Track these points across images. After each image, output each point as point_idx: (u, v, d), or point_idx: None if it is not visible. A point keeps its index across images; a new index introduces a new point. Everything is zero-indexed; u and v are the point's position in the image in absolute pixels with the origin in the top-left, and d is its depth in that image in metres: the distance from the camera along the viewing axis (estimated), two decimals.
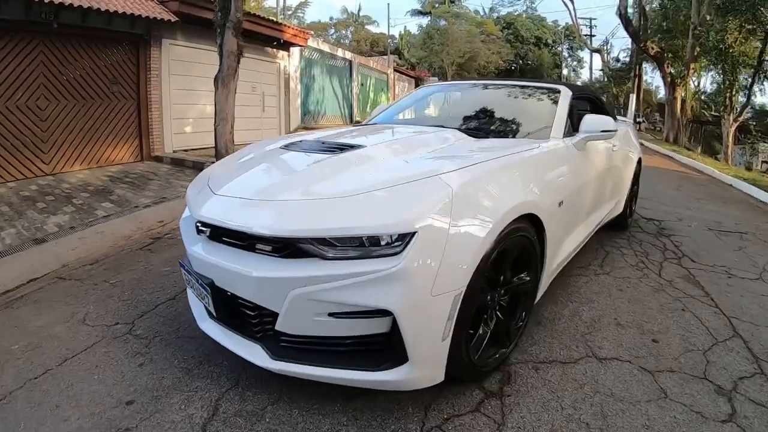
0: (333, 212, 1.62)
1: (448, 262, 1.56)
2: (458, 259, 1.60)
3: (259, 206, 1.77)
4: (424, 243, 1.52)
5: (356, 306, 1.52)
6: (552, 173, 2.34)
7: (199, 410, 1.74)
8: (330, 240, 1.56)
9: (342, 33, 43.31)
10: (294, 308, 1.57)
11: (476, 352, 1.86)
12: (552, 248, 2.29)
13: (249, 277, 1.62)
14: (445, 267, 1.56)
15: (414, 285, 1.50)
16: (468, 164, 1.88)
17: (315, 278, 1.52)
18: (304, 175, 2.01)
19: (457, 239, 1.60)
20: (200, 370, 2.02)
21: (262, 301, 1.65)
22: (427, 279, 1.52)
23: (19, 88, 6.27)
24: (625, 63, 27.83)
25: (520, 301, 2.15)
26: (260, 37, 10.12)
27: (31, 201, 5.33)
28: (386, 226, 1.53)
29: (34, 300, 2.91)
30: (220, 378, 1.95)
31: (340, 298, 1.52)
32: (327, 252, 1.55)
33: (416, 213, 1.55)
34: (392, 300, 1.49)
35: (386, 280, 1.48)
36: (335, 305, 1.54)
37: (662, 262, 3.62)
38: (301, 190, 1.81)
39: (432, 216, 1.56)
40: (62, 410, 1.77)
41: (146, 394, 1.85)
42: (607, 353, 2.24)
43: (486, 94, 3.46)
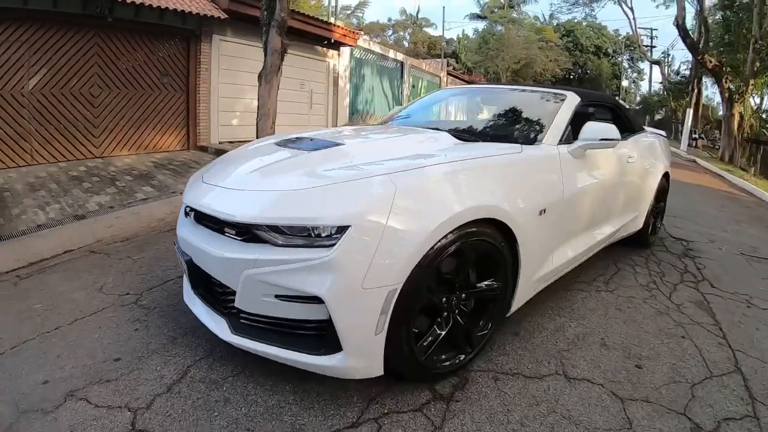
0: (283, 203, 1.73)
1: (381, 257, 1.58)
2: (393, 256, 1.61)
3: (229, 194, 1.91)
4: (356, 237, 1.57)
5: (294, 290, 1.61)
6: (532, 179, 2.22)
7: (171, 373, 1.96)
8: (278, 228, 1.67)
9: (400, 34, 43.37)
10: (246, 287, 1.69)
11: (424, 352, 1.82)
12: (531, 258, 2.17)
13: (213, 256, 1.81)
14: (378, 262, 1.58)
15: (344, 276, 1.56)
16: (422, 165, 1.85)
17: (262, 261, 1.65)
18: (274, 168, 2.08)
19: (393, 237, 1.61)
20: (184, 339, 2.24)
21: (224, 279, 1.82)
22: (358, 271, 1.56)
23: (74, 76, 6.73)
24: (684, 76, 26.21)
25: (487, 309, 2.05)
26: (310, 36, 10.28)
27: (78, 181, 5.71)
28: (323, 218, 1.61)
29: (64, 269, 3.26)
30: (197, 348, 2.15)
31: (281, 281, 1.61)
32: (277, 239, 1.67)
33: (353, 208, 1.62)
34: (323, 288, 1.56)
35: (319, 268, 1.56)
36: (278, 288, 1.63)
37: (677, 284, 3.35)
38: (266, 182, 1.94)
39: (369, 212, 1.61)
40: (61, 360, 2.06)
41: (132, 354, 2.10)
42: (579, 373, 2.09)
43: (493, 99, 3.34)
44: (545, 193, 2.25)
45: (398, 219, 1.63)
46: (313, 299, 1.59)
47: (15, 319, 2.45)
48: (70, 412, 1.70)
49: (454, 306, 1.91)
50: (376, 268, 1.58)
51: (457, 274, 1.88)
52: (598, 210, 2.90)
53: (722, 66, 16.69)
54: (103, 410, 1.71)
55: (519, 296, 2.21)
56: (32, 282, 3.03)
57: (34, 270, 3.27)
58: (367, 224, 1.59)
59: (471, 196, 1.87)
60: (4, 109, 6.13)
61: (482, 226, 1.88)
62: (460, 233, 1.78)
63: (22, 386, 1.87)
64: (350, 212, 1.60)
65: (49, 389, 1.84)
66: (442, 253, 1.73)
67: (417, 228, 1.65)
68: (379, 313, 1.60)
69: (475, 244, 1.86)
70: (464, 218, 1.78)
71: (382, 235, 1.59)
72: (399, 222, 1.63)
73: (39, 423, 1.65)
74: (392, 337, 1.67)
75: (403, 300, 1.65)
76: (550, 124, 2.60)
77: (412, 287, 1.66)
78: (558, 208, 2.31)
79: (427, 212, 1.70)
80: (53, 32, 6.42)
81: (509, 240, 2.02)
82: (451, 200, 1.78)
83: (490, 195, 1.94)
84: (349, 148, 2.27)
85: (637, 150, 3.55)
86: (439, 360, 1.91)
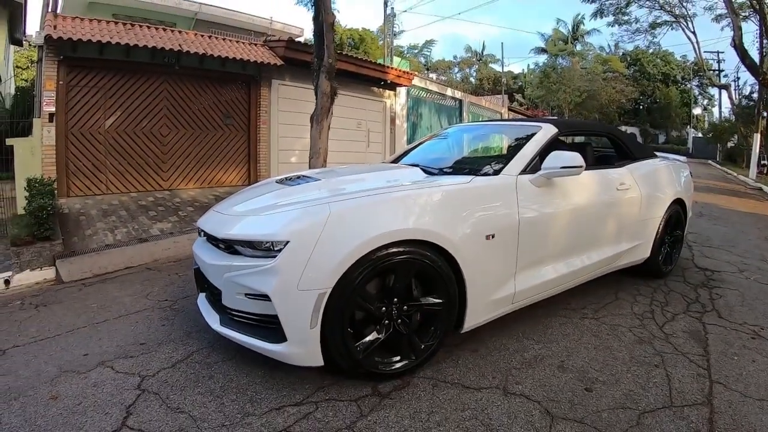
0: (249, 224, 2.28)
1: (313, 266, 1.94)
2: (322, 266, 1.93)
3: (221, 217, 2.47)
4: (294, 249, 1.96)
5: (253, 290, 2.01)
6: (477, 207, 2.36)
7: (179, 355, 2.49)
8: (245, 242, 2.13)
9: (466, 71, 43.57)
10: (227, 287, 2.14)
11: (363, 351, 2.06)
12: (479, 279, 2.30)
13: (208, 264, 2.29)
14: (310, 270, 1.93)
15: (284, 279, 1.93)
16: (359, 195, 2.18)
17: (234, 266, 2.10)
18: (258, 200, 2.55)
19: (323, 250, 1.94)
20: (197, 334, 2.75)
21: (215, 281, 2.26)
22: (294, 276, 1.93)
23: (145, 118, 7.60)
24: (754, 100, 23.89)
25: (433, 322, 2.21)
26: (365, 78, 10.72)
27: (145, 209, 6.39)
28: (272, 235, 2.05)
29: (122, 280, 4.00)
30: (204, 340, 2.65)
31: (245, 282, 2.04)
32: (246, 250, 2.12)
33: (292, 227, 2.05)
34: (270, 288, 1.94)
35: (267, 272, 1.97)
36: (245, 288, 2.04)
37: (677, 314, 3.17)
38: (244, 209, 2.43)
39: (304, 231, 1.98)
40: (102, 342, 2.69)
41: (155, 340, 2.68)
42: (520, 390, 2.14)
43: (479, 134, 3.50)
44: (494, 220, 2.37)
45: (328, 237, 1.96)
46: (265, 297, 1.96)
47: (74, 314, 3.17)
48: (97, 374, 2.29)
49: (395, 315, 2.11)
50: (309, 274, 1.92)
51: (394, 287, 2.10)
52: (575, 236, 2.91)
53: None
54: (121, 375, 2.28)
55: (471, 315, 2.32)
56: (93, 288, 3.78)
57: (97, 280, 4.02)
58: (301, 240, 1.97)
59: (404, 220, 2.11)
60: (84, 146, 7.03)
61: (418, 247, 2.10)
62: (392, 251, 2.04)
63: (68, 356, 2.52)
64: (289, 231, 2.01)
65: (87, 359, 2.46)
66: (373, 266, 1.99)
67: (344, 244, 1.95)
68: (312, 310, 1.92)
69: (409, 262, 2.09)
70: (394, 237, 2.03)
71: (313, 249, 1.95)
72: (328, 240, 1.97)
73: (74, 379, 2.25)
74: (327, 332, 1.97)
75: (334, 302, 1.95)
76: (515, 156, 2.70)
77: (342, 292, 1.96)
78: (510, 234, 2.41)
79: (356, 231, 1.99)
80: (126, 79, 7.30)
81: (452, 261, 2.17)
82: (381, 223, 2.05)
83: (426, 220, 2.17)
84: (324, 183, 2.67)
85: (635, 177, 3.48)
86: (382, 362, 2.12)
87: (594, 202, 3.05)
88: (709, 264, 4.54)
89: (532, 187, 2.60)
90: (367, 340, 2.08)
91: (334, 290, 1.93)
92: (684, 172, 4.35)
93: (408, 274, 2.10)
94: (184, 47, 7.32)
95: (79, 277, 4.12)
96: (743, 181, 14.85)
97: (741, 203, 9.76)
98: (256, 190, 2.88)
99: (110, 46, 6.65)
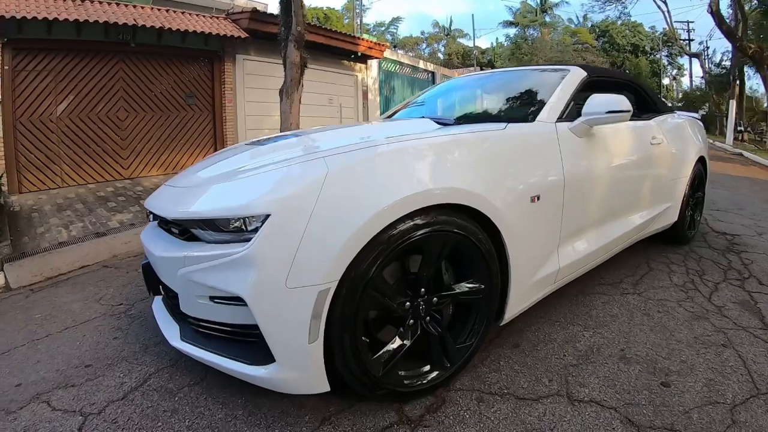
0: (210, 197, 1.55)
1: (307, 251, 1.30)
2: (322, 249, 1.31)
3: (174, 192, 1.78)
4: (277, 227, 1.32)
5: (218, 290, 1.38)
6: (518, 160, 1.81)
7: (132, 380, 1.86)
8: (205, 222, 1.46)
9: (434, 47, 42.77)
10: (183, 288, 1.50)
11: (384, 366, 1.47)
12: (524, 254, 1.77)
13: (155, 256, 1.65)
14: (304, 257, 1.30)
15: (265, 272, 1.30)
16: (367, 146, 1.53)
17: (190, 258, 1.45)
18: (221, 165, 1.88)
19: (321, 226, 1.31)
20: (155, 347, 2.14)
21: (167, 281, 1.64)
22: (280, 267, 1.30)
23: (100, 101, 6.82)
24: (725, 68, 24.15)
25: (470, 316, 1.66)
26: (335, 51, 10.10)
27: (104, 200, 5.74)
28: (241, 207, 1.38)
29: (74, 282, 3.28)
30: (164, 357, 2.03)
31: (207, 280, 1.39)
32: (207, 234, 1.46)
33: (274, 195, 1.37)
34: (244, 287, 1.31)
35: (239, 264, 1.33)
36: (207, 288, 1.41)
37: (719, 283, 2.79)
38: (202, 178, 1.76)
39: (291, 198, 1.33)
40: (39, 365, 2.06)
41: (104, 361, 2.05)
42: (587, 394, 1.65)
43: (492, 83, 2.93)
44: (538, 177, 1.83)
45: (329, 205, 1.32)
46: (238, 300, 1.35)
47: (14, 328, 2.51)
48: (29, 413, 1.69)
49: (423, 312, 1.54)
50: (302, 263, 1.30)
51: (420, 273, 1.52)
52: (617, 198, 2.43)
53: (763, 51, 15.19)
54: (59, 413, 1.68)
55: (514, 301, 1.79)
56: (41, 295, 3.08)
57: (48, 284, 3.33)
58: (288, 212, 1.32)
59: (431, 177, 1.50)
60: (36, 136, 6.24)
61: (450, 215, 1.51)
62: (417, 222, 1.43)
63: None
64: (270, 199, 1.35)
65: (20, 392, 1.85)
66: (392, 245, 1.39)
67: (353, 216, 1.33)
68: (310, 317, 1.31)
69: (440, 236, 1.49)
70: (419, 203, 1.42)
71: (307, 223, 1.30)
72: (330, 208, 1.32)
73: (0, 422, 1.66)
74: (333, 346, 1.37)
75: (342, 302, 1.34)
76: (547, 101, 2.17)
77: (353, 287, 1.35)
78: (557, 195, 1.89)
79: (368, 197, 1.37)
80: (79, 60, 6.52)
81: (492, 233, 1.63)
82: (401, 183, 1.43)
83: (458, 177, 1.56)
84: (310, 138, 1.99)
85: (663, 131, 3.02)
86: (408, 377, 1.54)
87: (634, 159, 2.57)
88: (726, 228, 4.21)
89: (574, 138, 2.07)
90: (389, 349, 1.49)
91: (340, 285, 1.33)
92: (701, 129, 3.94)
93: (438, 253, 1.52)
94: (140, 22, 6.53)
95: (28, 282, 3.45)
96: (722, 147, 14.82)
97: (730, 168, 9.63)
98: (221, 154, 2.23)
99: (59, 24, 5.91)
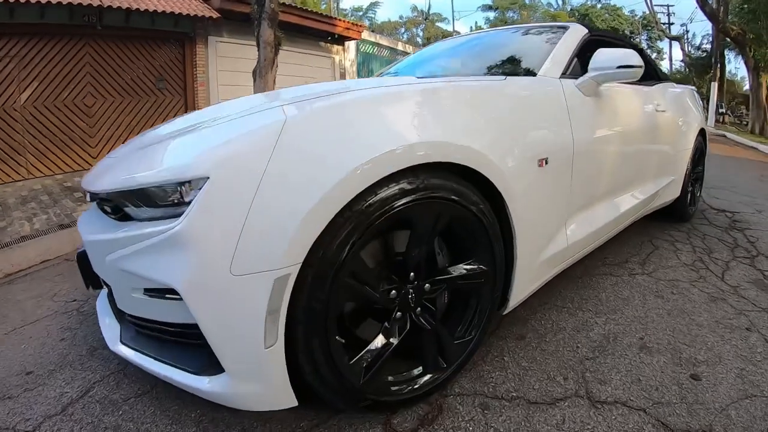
0: (142, 161, 1.21)
1: (258, 224, 0.97)
2: (278, 222, 0.97)
3: (107, 164, 1.45)
4: (216, 194, 0.97)
5: (148, 280, 1.07)
6: (522, 116, 1.50)
7: (74, 390, 1.60)
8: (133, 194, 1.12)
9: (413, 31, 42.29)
10: (115, 279, 1.22)
11: (365, 372, 1.16)
12: (531, 228, 1.48)
13: (85, 240, 1.36)
14: (253, 233, 0.97)
15: (201, 256, 0.97)
16: (339, 91, 1.18)
17: (116, 242, 1.13)
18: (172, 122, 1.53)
19: (276, 191, 0.98)
20: (104, 351, 1.87)
21: (98, 270, 1.34)
22: (221, 248, 0.97)
23: (66, 88, 6.38)
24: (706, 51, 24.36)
25: (469, 304, 1.36)
26: (312, 32, 9.67)
27: (70, 191, 5.41)
28: (176, 171, 1.02)
29: (33, 278, 3.01)
30: (113, 361, 1.76)
31: (135, 268, 1.08)
32: (141, 211, 1.12)
33: (213, 153, 1.01)
34: (174, 275, 1.00)
35: (167, 246, 1.00)
36: (138, 279, 1.10)
37: (729, 261, 2.57)
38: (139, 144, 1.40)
39: (235, 155, 0.99)
40: None
41: (47, 367, 1.78)
42: (611, 393, 1.37)
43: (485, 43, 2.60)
44: (545, 138, 1.53)
45: (286, 164, 0.99)
46: (173, 293, 1.03)
47: None
48: None
49: (412, 302, 1.22)
50: (251, 242, 0.96)
51: (408, 253, 1.20)
52: (625, 167, 2.16)
53: (745, 34, 15.25)
54: None
55: (519, 286, 1.50)
56: None
57: (5, 281, 3.04)
58: (232, 174, 0.97)
59: (421, 129, 1.17)
60: None
61: (446, 178, 1.20)
62: (404, 187, 1.11)
63: None
64: (208, 159, 0.99)
65: None
66: (372, 217, 1.06)
67: (318, 177, 1.00)
68: (265, 313, 0.98)
69: (435, 206, 1.18)
70: (405, 161, 1.10)
71: (257, 189, 0.96)
72: (288, 168, 0.99)
73: None
74: (298, 351, 1.05)
75: (307, 293, 1.02)
76: (548, 56, 1.87)
77: (322, 273, 1.03)
78: (565, 159, 1.59)
79: (339, 152, 1.04)
80: (43, 44, 6.09)
81: (494, 202, 1.33)
82: (382, 135, 1.10)
83: (454, 130, 1.24)
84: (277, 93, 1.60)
85: (667, 99, 2.77)
86: (396, 382, 1.24)
87: (641, 125, 2.30)
88: (724, 205, 4.04)
89: (581, 96, 1.78)
90: (372, 349, 1.17)
91: (304, 270, 1.01)
92: (699, 100, 3.72)
93: (431, 228, 1.20)
94: (106, 2, 6.10)
95: None
96: None
97: (715, 148, 9.55)
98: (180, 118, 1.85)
99: (21, 7, 5.46)
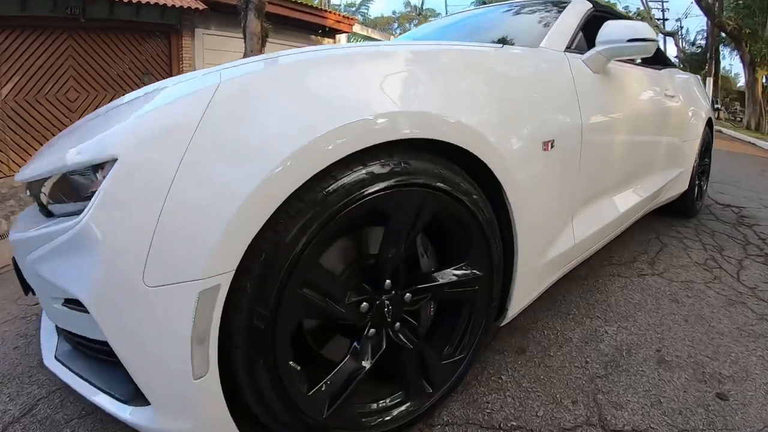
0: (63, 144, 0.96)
1: (178, 219, 0.73)
2: (204, 216, 0.73)
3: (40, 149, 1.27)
4: (125, 180, 0.73)
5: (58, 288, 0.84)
6: (526, 93, 1.27)
7: (16, 407, 1.43)
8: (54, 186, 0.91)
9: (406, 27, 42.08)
10: (35, 285, 1.02)
11: (326, 404, 0.92)
12: (535, 224, 1.25)
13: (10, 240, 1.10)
14: (171, 230, 0.72)
15: (106, 259, 0.74)
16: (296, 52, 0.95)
17: (26, 241, 0.92)
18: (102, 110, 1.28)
19: (202, 173, 0.74)
20: None
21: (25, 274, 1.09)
22: (131, 251, 0.72)
23: (48, 82, 6.21)
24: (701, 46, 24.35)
25: (460, 317, 1.13)
26: (301, 24, 9.49)
27: None
28: (87, 153, 0.78)
29: (2, 278, 2.75)
30: None
31: (44, 272, 0.87)
32: (62, 205, 0.90)
33: (125, 131, 0.78)
34: (80, 282, 0.77)
35: (71, 246, 0.79)
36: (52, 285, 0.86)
37: (742, 260, 2.36)
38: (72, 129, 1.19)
39: (152, 135, 0.76)
40: None
41: None
42: (628, 420, 1.15)
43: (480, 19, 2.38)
44: (551, 116, 1.30)
45: (216, 137, 0.75)
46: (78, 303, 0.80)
47: None
48: None
49: (389, 316, 0.99)
50: (168, 243, 0.72)
51: (384, 255, 0.96)
52: (635, 155, 1.94)
53: (741, 29, 15.15)
54: None
55: (520, 293, 1.26)
56: None
57: None
58: (145, 153, 0.74)
59: (399, 96, 0.93)
60: None
61: (431, 161, 0.96)
62: (376, 170, 0.87)
63: None
64: (116, 134, 0.77)
65: None
66: (333, 209, 0.83)
67: (258, 155, 0.76)
68: (190, 335, 0.73)
69: (417, 195, 0.94)
70: (378, 136, 0.86)
71: (176, 171, 0.72)
72: (219, 145, 0.75)
73: None
74: (239, 381, 0.82)
75: (246, 308, 0.78)
76: (551, 28, 1.64)
77: (265, 281, 0.79)
78: (573, 142, 1.36)
79: (287, 123, 0.79)
80: (24, 37, 5.90)
81: (489, 191, 1.10)
82: (346, 102, 0.86)
83: (442, 100, 0.99)
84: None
85: (675, 85, 2.55)
86: (368, 413, 1.00)
87: (651, 110, 2.09)
88: (729, 200, 3.86)
89: (589, 72, 1.55)
90: (339, 374, 0.93)
91: (240, 280, 0.77)
92: (704, 89, 3.52)
93: (411, 223, 0.96)
94: None
95: None
96: None
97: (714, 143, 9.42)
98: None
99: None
